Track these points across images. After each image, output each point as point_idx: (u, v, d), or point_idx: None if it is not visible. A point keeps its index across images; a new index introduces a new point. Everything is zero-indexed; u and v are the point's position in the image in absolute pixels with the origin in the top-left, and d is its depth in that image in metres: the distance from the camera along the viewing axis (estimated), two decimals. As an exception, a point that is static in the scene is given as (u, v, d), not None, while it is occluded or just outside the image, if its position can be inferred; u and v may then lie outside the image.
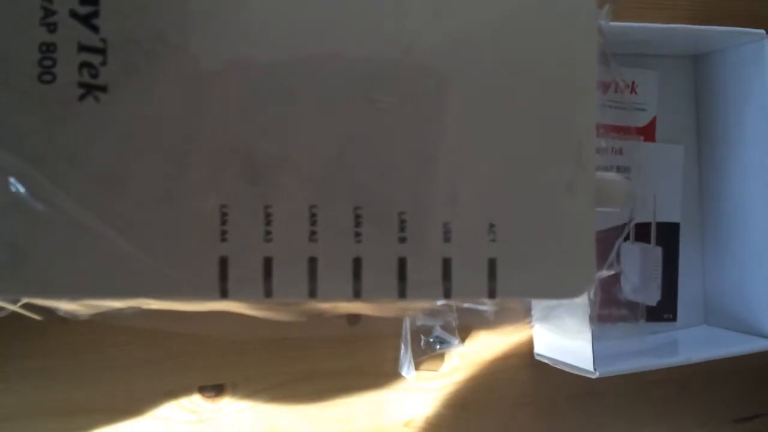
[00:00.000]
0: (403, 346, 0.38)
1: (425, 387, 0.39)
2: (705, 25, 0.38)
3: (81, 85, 0.16)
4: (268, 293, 0.16)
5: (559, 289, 0.16)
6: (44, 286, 0.16)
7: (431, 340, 0.39)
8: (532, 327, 0.40)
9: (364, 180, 0.16)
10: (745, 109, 0.40)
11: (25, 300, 0.18)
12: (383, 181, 0.16)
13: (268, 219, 0.16)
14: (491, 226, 0.16)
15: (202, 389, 0.35)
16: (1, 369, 0.32)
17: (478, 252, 0.16)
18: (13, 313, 0.18)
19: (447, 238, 0.16)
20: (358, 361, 0.38)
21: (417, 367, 0.38)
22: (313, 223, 0.16)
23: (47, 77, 0.16)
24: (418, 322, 0.38)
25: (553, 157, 0.16)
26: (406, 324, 0.38)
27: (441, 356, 0.39)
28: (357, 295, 0.16)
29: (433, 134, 0.16)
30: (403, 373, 0.38)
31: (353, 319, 0.36)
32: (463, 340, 0.39)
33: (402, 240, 0.16)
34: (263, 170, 0.16)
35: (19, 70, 0.16)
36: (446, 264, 0.16)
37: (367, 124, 0.16)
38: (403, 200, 0.16)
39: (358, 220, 0.16)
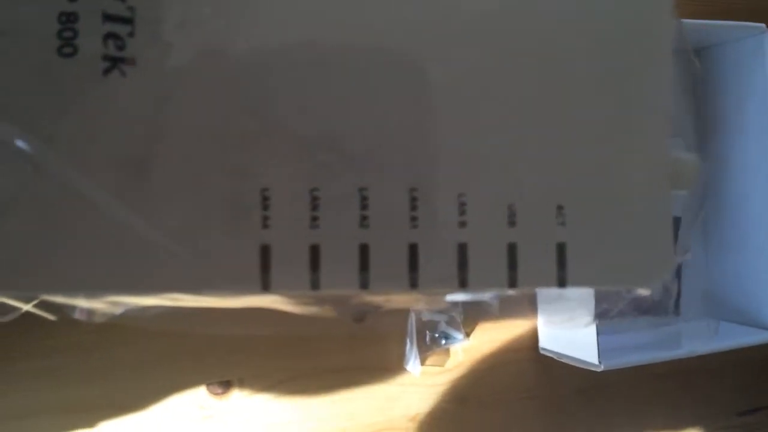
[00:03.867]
0: (408, 342, 0.38)
1: (431, 382, 0.39)
2: (705, 19, 0.38)
3: (106, 58, 0.14)
4: (314, 285, 0.14)
5: (635, 277, 0.15)
6: (62, 281, 0.15)
7: (436, 335, 0.38)
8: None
9: (420, 159, 0.14)
10: (746, 103, 0.40)
11: (39, 298, 0.16)
12: (441, 160, 0.14)
13: (314, 203, 0.14)
14: (559, 208, 0.15)
15: (210, 385, 0.35)
16: (9, 368, 0.32)
17: (546, 236, 0.14)
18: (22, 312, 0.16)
19: (511, 222, 0.14)
20: (363, 357, 0.38)
21: (422, 362, 0.38)
22: (364, 206, 0.14)
23: (68, 50, 0.14)
24: (424, 318, 0.37)
25: (624, 134, 0.15)
26: (412, 320, 0.37)
27: (446, 351, 0.39)
28: (413, 285, 0.14)
29: (494, 110, 0.15)
30: (409, 368, 0.38)
31: (359, 316, 0.35)
32: (468, 335, 0.39)
33: (462, 224, 0.14)
34: (307, 149, 0.14)
35: (36, 43, 0.14)
36: (511, 250, 0.14)
37: (422, 97, 0.15)
38: (462, 180, 0.14)
39: (413, 203, 0.14)
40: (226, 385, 0.35)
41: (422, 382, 0.39)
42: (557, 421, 0.42)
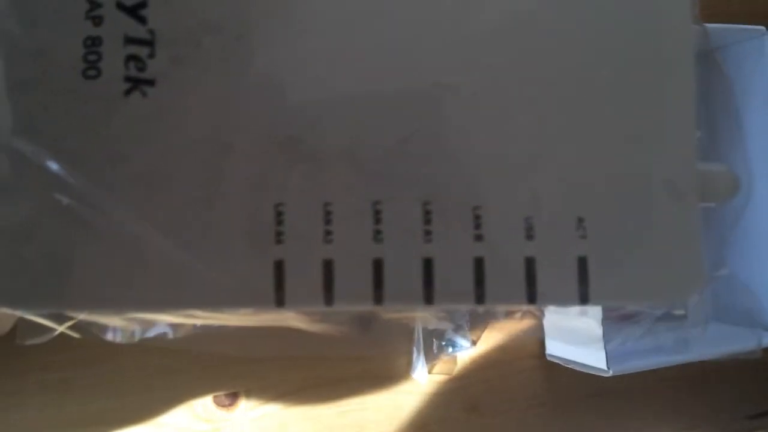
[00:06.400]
0: (415, 350, 0.38)
1: (439, 390, 0.39)
2: (705, 23, 0.37)
3: (127, 79, 0.15)
4: (328, 301, 0.14)
5: (663, 293, 0.14)
6: (87, 298, 0.15)
7: (443, 343, 0.38)
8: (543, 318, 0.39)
9: (434, 172, 0.14)
10: (748, 106, 0.40)
11: (72, 321, 0.17)
12: (455, 172, 0.14)
13: (327, 217, 0.14)
14: (580, 220, 0.14)
15: (217, 397, 0.35)
16: (17, 382, 0.33)
17: (567, 250, 0.14)
18: (28, 325, 0.16)
19: (529, 235, 0.14)
20: (371, 366, 0.38)
21: (430, 370, 0.38)
22: (378, 221, 0.14)
23: (92, 72, 0.15)
24: (430, 326, 0.37)
25: (647, 143, 0.14)
26: (419, 328, 0.37)
27: (453, 359, 0.39)
28: (429, 300, 0.14)
29: (510, 119, 0.14)
30: (416, 376, 0.38)
31: (365, 322, 0.35)
32: (474, 342, 0.39)
33: (478, 238, 0.14)
34: (320, 164, 0.14)
35: (62, 67, 0.15)
36: (529, 264, 0.14)
37: (436, 111, 0.14)
38: (478, 193, 0.14)
39: (427, 217, 0.14)
40: (233, 396, 0.35)
41: (430, 391, 0.39)
42: (566, 427, 0.42)
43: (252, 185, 0.14)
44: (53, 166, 0.15)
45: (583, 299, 0.14)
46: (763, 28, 0.39)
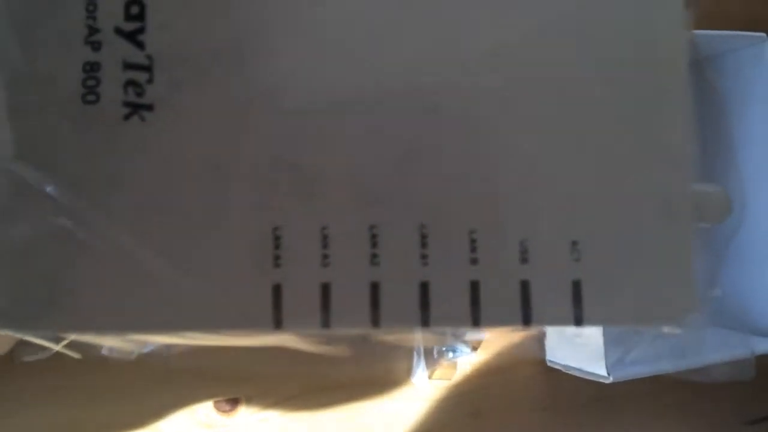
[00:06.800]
0: (416, 356, 0.38)
1: (439, 396, 0.39)
2: (703, 29, 0.37)
3: (126, 104, 0.15)
4: (325, 323, 0.14)
5: (657, 316, 0.14)
6: (86, 320, 0.15)
7: (444, 348, 0.38)
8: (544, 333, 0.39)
9: (429, 195, 0.14)
10: (748, 113, 0.40)
11: (69, 338, 0.17)
12: (450, 196, 0.14)
13: (324, 241, 0.14)
14: (574, 243, 0.14)
15: (217, 402, 0.35)
16: (17, 388, 0.32)
17: (561, 273, 0.14)
18: (26, 343, 0.16)
19: (524, 259, 0.14)
20: (371, 372, 0.38)
21: (430, 375, 0.38)
22: (374, 244, 0.14)
23: (91, 97, 0.15)
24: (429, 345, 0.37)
25: (641, 165, 0.14)
26: (419, 333, 0.37)
27: (453, 365, 0.39)
28: (425, 323, 0.14)
29: (504, 142, 0.15)
30: (416, 382, 0.38)
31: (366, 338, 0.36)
32: (475, 348, 0.39)
33: (473, 261, 0.14)
34: (318, 188, 0.15)
35: (62, 92, 0.15)
36: (524, 287, 0.14)
37: (430, 135, 0.15)
38: (473, 216, 0.14)
39: (423, 240, 0.14)
40: (233, 402, 0.35)
41: (431, 396, 0.39)
42: (568, 431, 0.42)
43: (252, 208, 0.14)
44: (53, 190, 0.15)
45: (578, 321, 0.14)
46: (763, 34, 0.39)
